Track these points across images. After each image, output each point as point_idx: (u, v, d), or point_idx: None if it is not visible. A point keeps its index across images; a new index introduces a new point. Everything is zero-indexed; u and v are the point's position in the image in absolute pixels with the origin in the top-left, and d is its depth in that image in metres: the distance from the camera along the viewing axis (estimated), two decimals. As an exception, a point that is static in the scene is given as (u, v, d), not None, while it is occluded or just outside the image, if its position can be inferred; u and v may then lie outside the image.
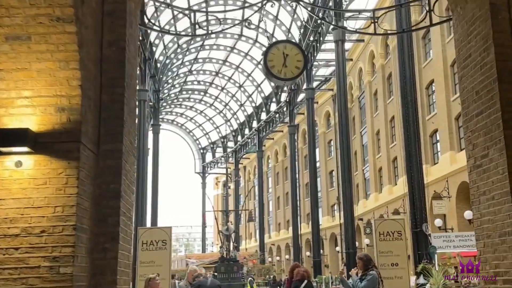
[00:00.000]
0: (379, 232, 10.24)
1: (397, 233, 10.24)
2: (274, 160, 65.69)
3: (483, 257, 6.65)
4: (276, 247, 62.10)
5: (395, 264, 10.08)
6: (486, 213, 6.52)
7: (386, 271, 10.04)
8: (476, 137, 6.77)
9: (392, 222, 10.48)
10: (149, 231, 10.19)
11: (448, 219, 28.79)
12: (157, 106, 48.81)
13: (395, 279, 10.02)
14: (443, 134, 29.86)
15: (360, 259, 8.31)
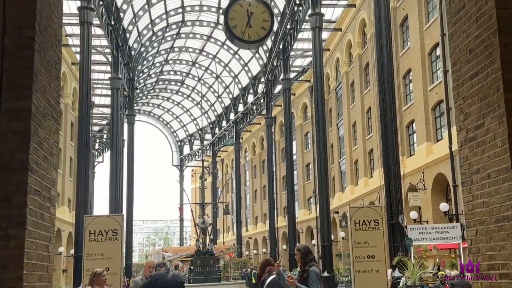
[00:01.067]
0: (354, 221, 9.09)
1: (374, 222, 9.11)
2: (252, 153, 64.51)
3: (474, 247, 5.49)
4: (253, 241, 61.01)
5: (372, 256, 8.96)
6: (480, 195, 5.37)
7: (361, 264, 8.93)
8: (469, 105, 5.61)
9: (369, 210, 9.34)
10: (97, 219, 8.88)
11: (424, 212, 27.97)
12: (131, 96, 47.16)
13: (371, 272, 8.90)
14: (419, 125, 28.98)
15: (298, 251, 7.26)
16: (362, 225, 9.03)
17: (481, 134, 5.38)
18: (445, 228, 18.11)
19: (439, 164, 26.40)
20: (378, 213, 9.14)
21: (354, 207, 9.36)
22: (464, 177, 5.70)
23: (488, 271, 5.35)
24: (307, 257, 7.09)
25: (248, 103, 55.84)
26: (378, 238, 9.05)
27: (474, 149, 5.52)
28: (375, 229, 9.03)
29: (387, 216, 22.24)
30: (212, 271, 41.11)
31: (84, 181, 28.61)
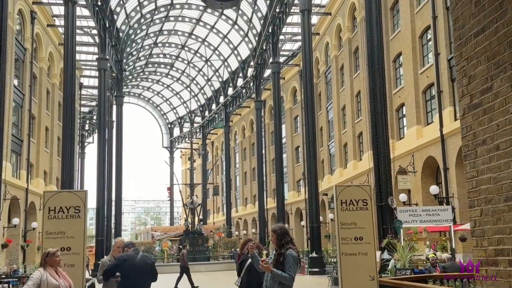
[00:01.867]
0: (340, 201, 8.27)
1: (362, 202, 8.30)
2: (241, 136, 63.66)
3: (479, 229, 4.70)
4: (243, 221, 60.52)
5: (359, 238, 8.16)
6: (486, 170, 4.57)
7: (348, 246, 8.15)
8: (474, 66, 4.77)
9: (356, 189, 8.51)
10: (58, 195, 7.97)
11: (413, 195, 27.34)
12: (120, 77, 46.00)
13: (359, 255, 8.12)
14: (409, 108, 28.21)
15: (274, 232, 6.44)
16: (349, 205, 8.21)
17: (489, 99, 4.56)
18: (436, 211, 17.42)
19: (429, 148, 25.72)
20: (367, 193, 8.33)
21: (341, 186, 8.53)
22: (467, 150, 4.88)
23: (495, 257, 4.56)
24: (283, 239, 6.28)
25: (238, 86, 54.91)
26: (367, 219, 8.26)
27: (479, 117, 4.70)
28: (363, 210, 8.23)
29: (376, 198, 21.61)
30: (201, 251, 40.59)
31: (69, 160, 27.67)
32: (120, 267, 7.54)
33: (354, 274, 8.07)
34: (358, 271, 8.08)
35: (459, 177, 22.99)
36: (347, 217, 8.24)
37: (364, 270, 8.10)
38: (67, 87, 28.17)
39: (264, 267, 6.12)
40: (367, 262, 8.15)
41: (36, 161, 36.13)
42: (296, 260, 6.20)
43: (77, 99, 46.63)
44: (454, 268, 13.09)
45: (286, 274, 6.04)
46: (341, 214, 8.25)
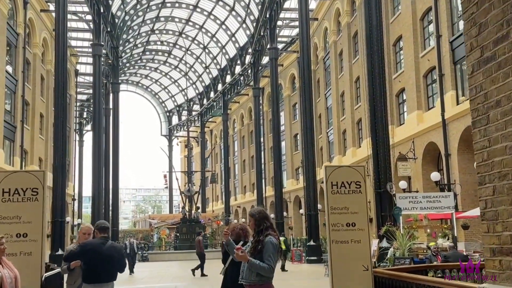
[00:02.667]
0: (331, 183, 7.38)
1: (355, 184, 7.41)
2: (240, 124, 62.71)
3: (491, 211, 3.81)
4: (241, 209, 59.73)
5: (352, 224, 7.28)
6: (501, 138, 3.67)
7: (339, 233, 7.27)
8: (486, 12, 3.87)
9: (349, 170, 7.60)
10: (14, 175, 7.07)
11: (413, 182, 26.50)
12: (116, 64, 45.00)
13: (351, 243, 7.25)
14: (410, 92, 27.25)
15: (251, 216, 5.58)
16: (340, 187, 7.32)
17: (504, 50, 3.65)
18: (437, 197, 16.53)
19: (431, 133, 24.81)
20: (360, 174, 7.42)
21: (332, 166, 7.63)
22: (477, 115, 3.97)
23: (494, 277, 3.69)
24: (262, 224, 5.43)
25: (236, 74, 53.90)
26: (360, 203, 7.37)
27: (492, 73, 3.79)
28: (356, 193, 7.33)
29: (375, 185, 20.76)
30: (198, 238, 39.82)
31: (61, 146, 26.80)
32: (83, 256, 6.69)
33: (346, 263, 7.20)
34: (350, 260, 7.21)
35: (461, 163, 22.12)
36: (338, 201, 7.35)
37: (357, 260, 7.23)
38: (59, 71, 27.27)
39: (240, 256, 5.26)
40: (360, 251, 7.28)
41: (31, 148, 35.28)
42: (277, 248, 5.35)
43: (73, 86, 45.75)
44: (456, 257, 12.23)
45: (264, 264, 5.19)
46: (332, 197, 7.36)
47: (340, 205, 7.32)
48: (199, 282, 19.42)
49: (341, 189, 7.37)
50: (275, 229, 5.54)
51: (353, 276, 7.15)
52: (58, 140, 26.98)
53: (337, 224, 7.28)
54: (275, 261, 5.29)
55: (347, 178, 7.40)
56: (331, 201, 7.35)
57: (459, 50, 22.41)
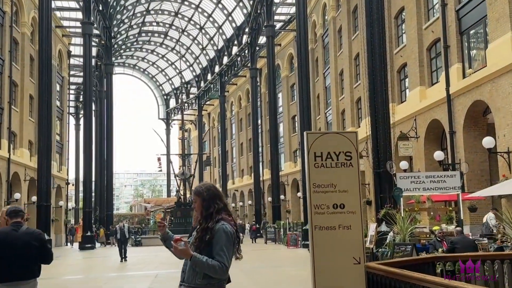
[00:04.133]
0: (314, 154, 5.73)
1: (344, 156, 5.76)
2: (238, 106, 60.96)
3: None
4: (239, 193, 58.30)
5: (340, 206, 5.67)
6: None
7: (323, 217, 5.67)
8: None
9: (336, 137, 5.89)
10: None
11: (415, 162, 24.87)
12: (109, 45, 43.19)
13: (339, 230, 5.64)
14: (412, 67, 25.49)
15: (198, 195, 3.85)
16: (326, 159, 5.68)
17: None
18: (442, 177, 14.89)
19: (434, 110, 23.11)
20: (351, 142, 5.77)
21: (314, 133, 5.98)
22: None
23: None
24: (211, 205, 3.80)
25: (233, 54, 52.08)
26: (351, 179, 5.70)
27: None
28: (346, 166, 5.70)
29: (374, 165, 19.19)
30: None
31: (45, 126, 25.24)
32: None
33: (332, 255, 5.60)
34: (337, 251, 5.62)
35: (467, 141, 20.45)
36: (322, 177, 5.72)
37: (347, 250, 5.64)
38: (42, 46, 25.65)
39: (180, 251, 3.65)
40: (351, 239, 5.67)
41: (20, 131, 33.64)
42: (232, 238, 3.73)
43: (66, 67, 44.02)
44: (465, 243, 10.67)
45: (214, 261, 3.58)
46: (314, 172, 5.73)
47: (325, 182, 5.70)
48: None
49: (327, 162, 5.73)
50: (230, 213, 3.92)
51: (341, 270, 5.55)
52: (42, 120, 25.48)
53: (321, 206, 5.66)
54: (230, 256, 3.68)
55: (334, 147, 5.76)
56: (314, 177, 5.72)
57: (466, 19, 20.64)
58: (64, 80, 43.19)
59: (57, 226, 39.32)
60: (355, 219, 5.70)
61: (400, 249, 11.79)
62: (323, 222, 5.63)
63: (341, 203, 5.68)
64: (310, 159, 5.75)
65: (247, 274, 14.79)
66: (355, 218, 5.69)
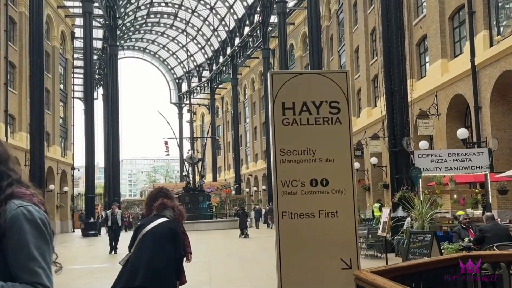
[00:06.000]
0: (282, 104, 3.85)
1: (328, 107, 3.88)
2: (251, 89, 58.98)
3: None
4: (253, 178, 56.57)
5: (322, 182, 3.80)
6: None
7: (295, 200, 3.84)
8: None
9: (316, 79, 3.97)
10: None
11: (435, 141, 22.80)
12: (113, 25, 41.47)
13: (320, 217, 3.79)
14: (433, 39, 23.26)
15: None
16: (299, 113, 3.81)
17: None
18: (467, 155, 12.88)
19: (457, 84, 20.94)
20: (338, 87, 3.87)
21: (282, 73, 4.06)
22: None
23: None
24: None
25: (244, 34, 50.01)
26: (338, 142, 3.86)
27: None
28: (330, 123, 3.84)
29: (390, 144, 17.22)
30: (202, 208, 36.84)
31: (38, 107, 23.72)
32: None
33: (308, 256, 3.73)
34: (316, 250, 3.74)
35: (495, 117, 18.30)
36: (294, 139, 3.84)
37: (331, 249, 3.76)
38: (34, 21, 23.96)
39: None
40: (337, 232, 3.80)
41: (19, 114, 32.20)
42: (47, 230, 1.80)
43: (69, 49, 42.52)
44: (497, 231, 8.70)
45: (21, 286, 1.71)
46: (282, 132, 3.86)
47: (299, 146, 3.82)
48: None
49: (301, 117, 3.85)
50: (28, 184, 1.97)
51: (321, 278, 3.69)
52: (34, 101, 23.91)
53: (292, 182, 3.79)
54: (49, 267, 1.80)
55: (313, 95, 3.88)
56: (282, 139, 3.85)
57: (494, -21, 18.37)
58: (67, 62, 41.70)
59: (62, 212, 38.13)
60: (345, 202, 3.81)
61: (417, 238, 9.88)
62: (295, 207, 3.76)
63: (323, 178, 3.80)
64: (276, 112, 3.87)
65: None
66: (344, 200, 3.81)
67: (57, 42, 38.22)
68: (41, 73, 23.88)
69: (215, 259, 15.18)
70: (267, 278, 11.05)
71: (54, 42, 37.78)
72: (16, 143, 30.51)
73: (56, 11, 38.09)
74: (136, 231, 4.97)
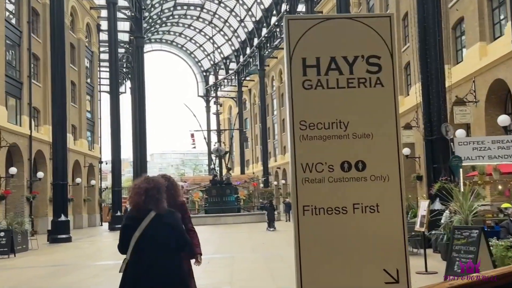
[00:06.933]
0: (302, 61, 2.85)
1: (366, 64, 2.86)
2: (278, 81, 57.86)
3: None
4: (281, 171, 55.57)
5: (357, 166, 2.76)
6: None
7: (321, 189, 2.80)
8: None
9: (349, 25, 2.98)
10: None
11: (474, 130, 21.39)
12: (139, 16, 40.92)
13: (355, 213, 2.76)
14: (470, 21, 21.81)
15: None
16: (326, 72, 2.84)
17: None
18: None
19: (497, 68, 19.53)
20: (379, 36, 2.87)
21: (302, 19, 3.00)
22: None
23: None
24: None
25: (271, 25, 48.89)
26: (379, 110, 2.87)
27: None
28: (368, 85, 2.84)
29: (426, 132, 16.01)
30: (229, 202, 36.00)
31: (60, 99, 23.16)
32: None
33: (338, 265, 2.74)
34: (350, 257, 2.74)
35: (540, 102, 16.88)
36: (319, 107, 2.84)
37: (371, 256, 2.75)
38: (54, 11, 23.39)
39: None
40: (379, 234, 2.79)
41: (44, 107, 31.93)
42: None
43: (95, 42, 42.20)
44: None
45: None
46: (302, 97, 2.86)
47: (325, 117, 2.82)
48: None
49: (329, 77, 2.85)
50: None
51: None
52: (56, 93, 23.40)
53: (316, 166, 2.80)
54: None
55: (345, 48, 2.87)
56: (301, 107, 2.86)
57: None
58: (93, 55, 41.40)
59: (90, 206, 37.92)
60: (389, 191, 2.81)
61: (462, 234, 8.75)
62: (321, 199, 2.78)
63: (359, 161, 2.81)
64: (294, 72, 2.88)
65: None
66: (387, 190, 2.81)
67: (82, 35, 37.87)
68: (62, 64, 23.35)
69: (239, 255, 14.31)
70: (294, 277, 10.07)
71: (80, 35, 37.44)
72: (40, 137, 30.27)
73: (80, 2, 37.71)
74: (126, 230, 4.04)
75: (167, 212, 3.97)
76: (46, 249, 19.55)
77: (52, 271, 12.95)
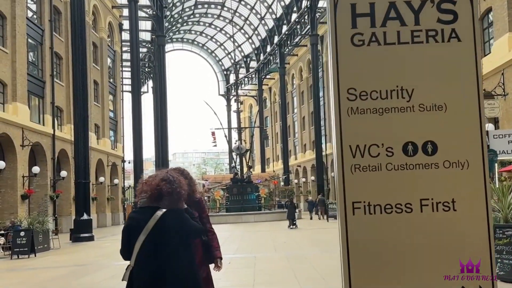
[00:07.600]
0: (351, 7, 2.12)
1: (438, 12, 2.08)
2: (299, 78, 56.91)
3: None
4: (302, 169, 54.68)
5: (423, 149, 1.99)
6: None
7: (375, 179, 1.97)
8: None
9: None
10: None
11: (503, 124, 20.29)
12: (160, 15, 40.45)
13: (423, 212, 1.95)
14: (499, 11, 20.69)
15: None
16: (384, 22, 2.12)
17: None
18: (557, 133, 10.67)
19: (527, 59, 18.41)
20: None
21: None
22: None
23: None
24: None
25: (292, 21, 48.01)
26: (456, 76, 2.13)
27: None
28: (440, 41, 2.11)
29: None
30: (250, 200, 35.30)
31: (81, 99, 22.73)
32: None
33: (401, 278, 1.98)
34: (417, 268, 1.97)
35: None
36: (373, 70, 2.09)
37: (445, 266, 1.98)
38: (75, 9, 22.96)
39: None
40: (456, 238, 2.01)
41: (66, 106, 31.61)
42: None
43: (117, 41, 41.89)
44: None
45: None
46: (351, 56, 2.11)
47: (383, 83, 2.08)
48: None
49: (387, 29, 2.11)
50: None
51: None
52: (78, 89, 22.99)
53: (370, 149, 2.06)
54: None
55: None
56: (349, 70, 2.11)
57: None
58: (116, 54, 41.10)
59: (113, 205, 37.63)
60: (468, 183, 2.06)
61: (504, 233, 7.89)
62: (377, 193, 2.04)
63: (427, 141, 2.06)
64: (339, 24, 2.16)
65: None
66: (466, 180, 2.06)
67: (104, 34, 37.56)
68: (84, 63, 22.94)
69: (261, 255, 13.59)
70: (319, 278, 9.36)
71: (102, 34, 37.13)
72: (64, 136, 29.98)
73: (102, 1, 37.39)
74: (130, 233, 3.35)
75: (177, 210, 3.29)
76: (67, 248, 19.12)
77: (69, 271, 12.43)
